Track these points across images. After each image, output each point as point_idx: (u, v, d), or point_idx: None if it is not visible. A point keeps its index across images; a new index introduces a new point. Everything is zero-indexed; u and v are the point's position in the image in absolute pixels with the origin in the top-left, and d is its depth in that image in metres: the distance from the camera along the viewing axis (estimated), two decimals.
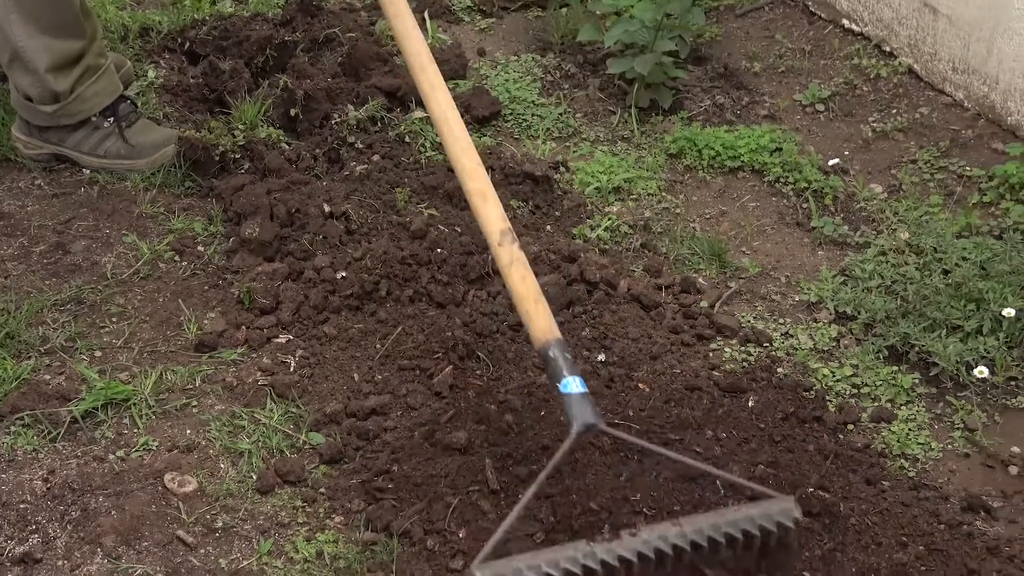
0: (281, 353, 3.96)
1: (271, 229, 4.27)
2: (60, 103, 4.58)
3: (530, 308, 3.48)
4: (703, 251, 4.45)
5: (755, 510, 3.21)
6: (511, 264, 3.52)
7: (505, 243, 3.56)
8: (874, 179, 4.87)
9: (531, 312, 3.48)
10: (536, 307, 3.48)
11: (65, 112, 4.61)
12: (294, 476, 3.57)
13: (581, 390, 3.33)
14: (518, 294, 3.51)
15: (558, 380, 3.36)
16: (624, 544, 3.12)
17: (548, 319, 3.45)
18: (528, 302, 3.50)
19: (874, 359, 4.05)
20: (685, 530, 3.16)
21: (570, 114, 5.15)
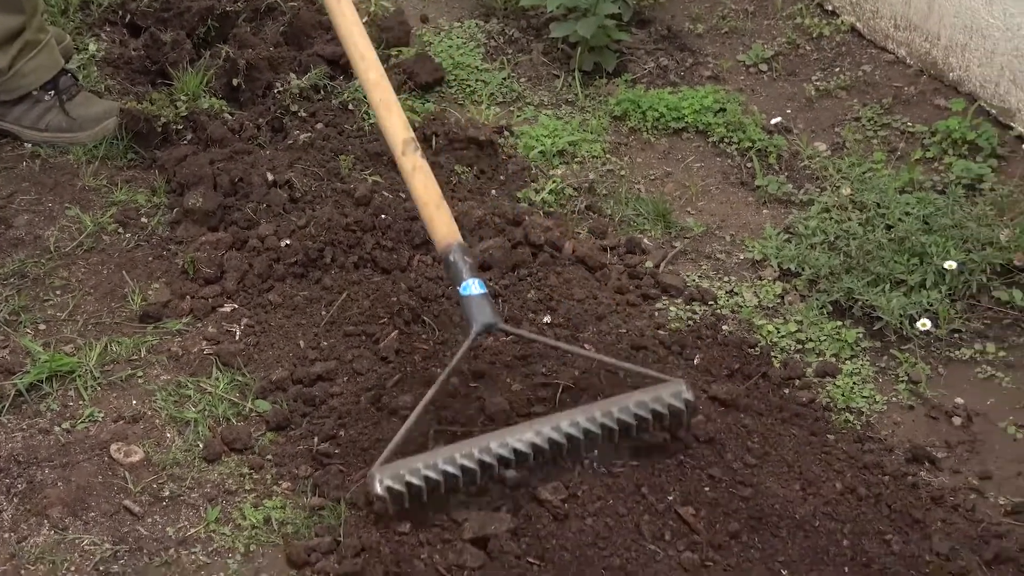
0: (226, 322, 3.95)
1: (214, 199, 4.26)
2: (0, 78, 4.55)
3: (432, 213, 3.60)
4: (648, 212, 4.46)
5: (648, 395, 3.40)
6: (414, 171, 3.65)
7: (408, 152, 3.68)
8: (818, 137, 4.89)
9: (433, 217, 3.59)
10: (437, 212, 3.59)
11: (4, 88, 4.59)
12: (241, 444, 3.57)
13: (481, 291, 3.45)
14: (420, 200, 3.63)
15: (458, 283, 3.49)
16: (518, 437, 3.27)
17: (449, 224, 3.56)
18: (430, 207, 3.62)
19: (818, 315, 4.07)
20: (579, 419, 3.33)
21: (514, 79, 5.14)
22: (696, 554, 3.28)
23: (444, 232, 3.58)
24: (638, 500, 3.38)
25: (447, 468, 3.23)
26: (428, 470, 3.21)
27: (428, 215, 3.61)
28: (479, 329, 3.45)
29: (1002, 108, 4.83)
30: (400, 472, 3.21)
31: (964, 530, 3.42)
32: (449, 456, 3.25)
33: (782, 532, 3.37)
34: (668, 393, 3.45)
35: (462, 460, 3.24)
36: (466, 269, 3.50)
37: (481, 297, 3.47)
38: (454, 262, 3.52)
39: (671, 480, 3.44)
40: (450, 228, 3.58)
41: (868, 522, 3.42)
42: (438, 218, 3.60)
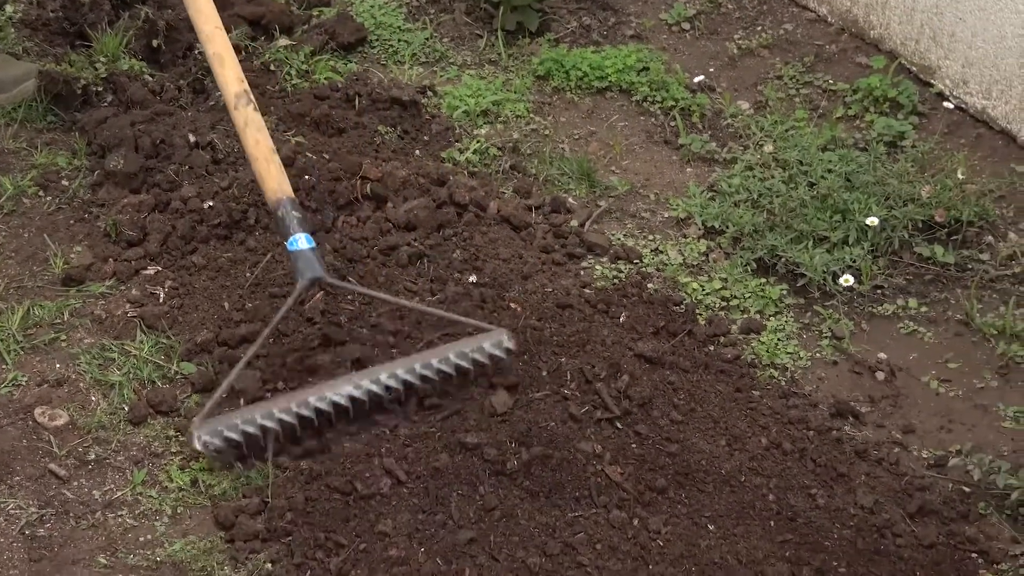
0: (150, 285, 3.92)
1: (136, 161, 4.22)
2: None
3: (262, 168, 3.65)
4: (572, 171, 4.47)
5: (469, 345, 3.53)
6: (246, 126, 3.68)
7: (240, 106, 3.71)
8: (740, 96, 4.91)
9: (263, 172, 3.65)
10: (268, 167, 3.64)
11: None
12: (166, 406, 3.55)
13: (309, 246, 3.52)
14: (252, 155, 3.68)
15: (286, 238, 3.54)
16: (336, 391, 3.35)
17: (279, 178, 3.62)
18: (260, 162, 3.66)
19: (742, 272, 4.10)
20: (397, 371, 3.43)
21: (436, 39, 5.12)
22: (624, 511, 3.30)
23: (274, 187, 3.62)
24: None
25: (265, 422, 3.31)
26: (246, 424, 3.30)
27: (259, 169, 3.66)
28: (306, 283, 3.52)
29: (922, 65, 4.87)
30: (218, 427, 3.28)
31: (888, 483, 3.47)
32: (267, 411, 3.33)
33: (709, 487, 3.40)
34: (490, 343, 3.55)
35: (280, 414, 3.32)
36: (294, 224, 3.55)
37: (309, 251, 3.54)
38: (283, 217, 3.57)
39: (602, 441, 3.46)
40: (280, 183, 3.63)
41: (793, 477, 3.46)
42: (268, 173, 3.64)
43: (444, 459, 3.38)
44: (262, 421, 3.31)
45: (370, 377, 3.43)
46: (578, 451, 3.42)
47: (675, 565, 3.21)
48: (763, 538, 3.29)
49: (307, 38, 4.94)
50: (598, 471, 3.39)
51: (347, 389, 3.39)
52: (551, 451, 3.41)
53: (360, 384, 3.41)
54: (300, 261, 3.54)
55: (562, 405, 3.56)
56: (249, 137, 3.67)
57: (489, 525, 3.26)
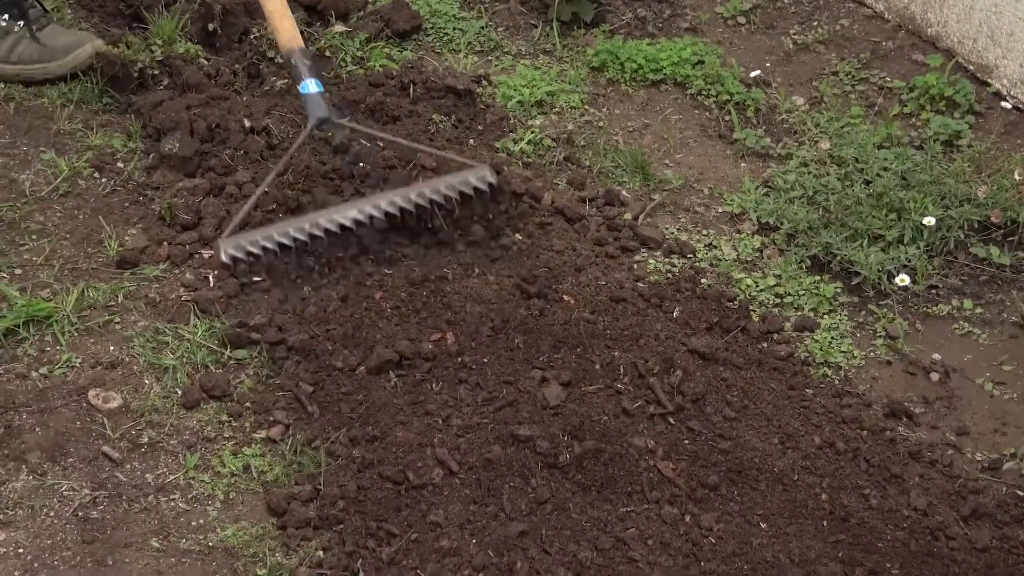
0: (204, 269, 3.92)
1: (191, 145, 4.22)
2: None
3: (277, 23, 4.09)
4: (626, 164, 4.45)
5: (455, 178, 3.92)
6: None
7: None
8: (796, 91, 4.89)
9: (278, 26, 4.10)
10: (283, 21, 4.09)
11: None
12: (219, 391, 3.55)
13: (318, 90, 3.94)
14: (268, 11, 4.13)
15: (298, 82, 3.98)
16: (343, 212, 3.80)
17: (292, 31, 4.05)
18: (275, 16, 4.13)
19: (797, 269, 4.08)
20: (395, 199, 3.86)
21: (491, 27, 5.11)
22: (676, 507, 3.30)
23: (287, 37, 4.03)
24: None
25: (282, 239, 3.74)
26: (266, 241, 3.72)
27: (275, 23, 4.09)
28: (315, 122, 3.95)
29: (980, 64, 4.84)
30: (241, 243, 3.71)
31: (941, 485, 3.45)
32: (283, 229, 3.75)
33: (761, 485, 3.39)
34: (475, 176, 3.93)
35: (296, 233, 3.74)
36: (305, 70, 3.97)
37: (318, 95, 3.95)
38: (295, 64, 3.99)
39: (655, 436, 3.46)
40: (293, 35, 4.04)
41: (846, 476, 3.44)
42: (283, 27, 4.07)
43: (497, 451, 3.38)
44: (280, 238, 3.74)
45: (371, 203, 3.84)
46: (631, 446, 3.41)
47: (727, 563, 3.20)
48: (815, 538, 3.28)
49: (362, 25, 4.94)
50: (650, 466, 3.39)
51: (352, 213, 3.81)
52: (604, 445, 3.40)
53: (363, 209, 3.82)
54: (309, 103, 3.96)
55: (615, 399, 3.55)
56: None
57: (541, 518, 3.25)
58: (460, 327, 3.72)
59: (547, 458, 3.37)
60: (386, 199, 3.87)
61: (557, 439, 3.41)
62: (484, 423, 3.47)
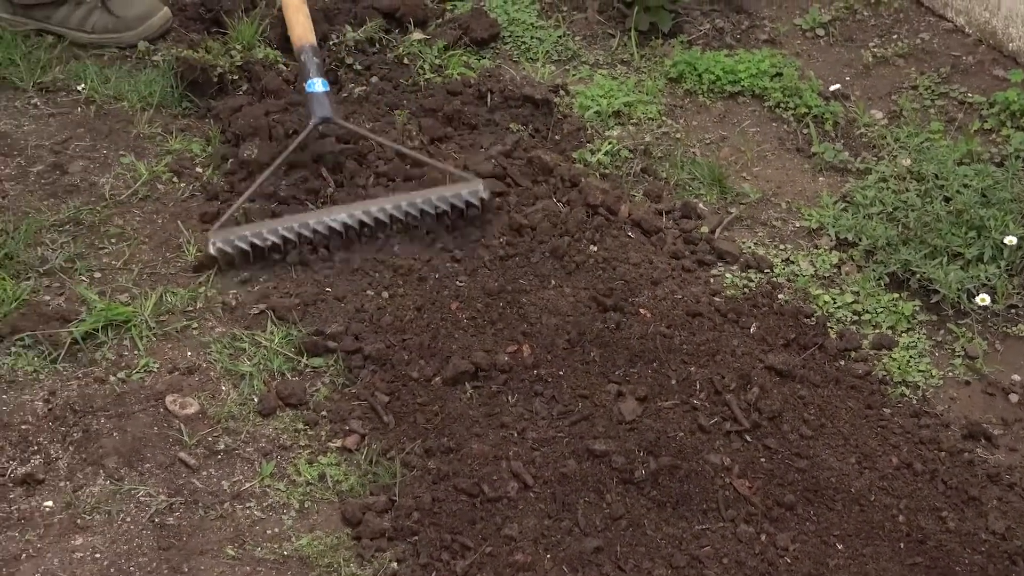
0: (281, 276, 3.93)
1: (269, 150, 4.23)
2: None
3: (291, 16, 4.22)
4: (703, 176, 4.43)
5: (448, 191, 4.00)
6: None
7: None
8: (875, 105, 4.85)
9: (292, 20, 4.22)
10: (297, 16, 4.20)
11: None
12: (296, 399, 3.56)
13: (324, 89, 4.02)
14: (284, 3, 4.27)
15: (305, 80, 4.07)
16: (333, 215, 3.90)
17: (306, 25, 4.15)
18: (291, 10, 4.29)
19: (875, 286, 4.05)
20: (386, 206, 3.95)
21: (569, 37, 5.10)
22: (752, 526, 3.28)
23: (300, 33, 4.14)
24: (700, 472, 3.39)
25: (269, 237, 3.85)
26: (253, 237, 3.83)
27: (290, 17, 4.20)
28: (317, 121, 4.05)
29: None
30: (230, 237, 3.83)
31: (1020, 509, 3.42)
32: (272, 227, 3.86)
33: (838, 505, 3.36)
34: (467, 191, 4.00)
35: (283, 231, 3.86)
36: (313, 68, 4.06)
37: (323, 94, 4.04)
38: (304, 61, 4.09)
39: (731, 453, 3.44)
40: (306, 30, 4.15)
41: (924, 498, 3.41)
42: (297, 22, 4.19)
43: (572, 465, 3.37)
44: (267, 236, 3.84)
45: (362, 208, 3.93)
46: (707, 463, 3.40)
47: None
48: (892, 560, 3.26)
49: (441, 32, 4.94)
50: (726, 484, 3.37)
51: (342, 216, 3.90)
52: (679, 462, 3.39)
53: (353, 214, 3.91)
54: (314, 101, 4.03)
55: (691, 415, 3.54)
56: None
57: (615, 534, 3.24)
58: (536, 339, 3.72)
59: (622, 474, 3.36)
60: (378, 206, 3.97)
61: (633, 455, 3.40)
62: (559, 437, 3.46)
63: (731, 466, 3.41)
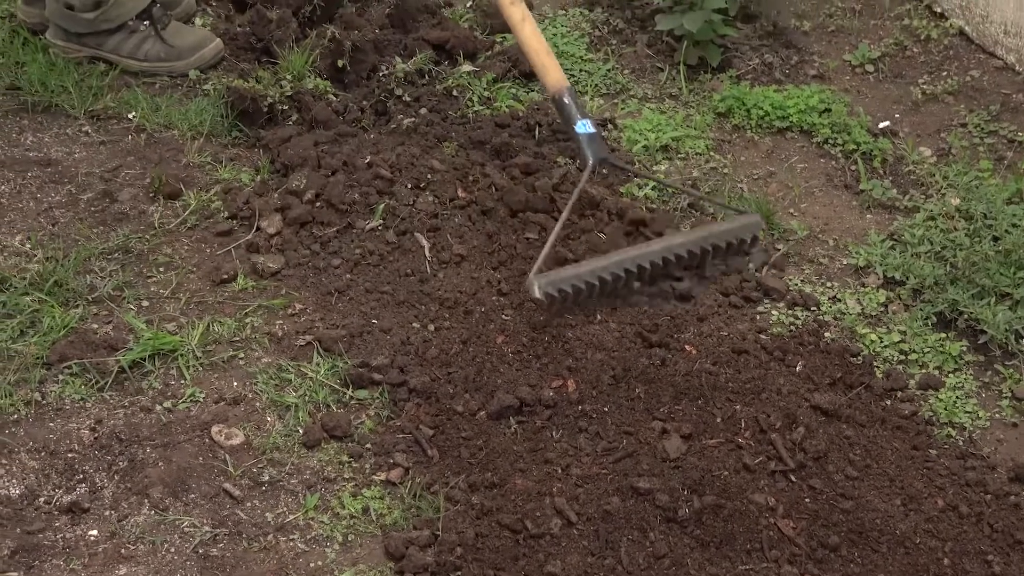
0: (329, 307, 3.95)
1: (319, 181, 4.25)
2: (101, 9, 4.72)
3: (545, 60, 4.07)
4: (751, 211, 4.42)
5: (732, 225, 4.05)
6: (523, 21, 4.10)
7: (516, 2, 4.12)
8: (923, 142, 4.84)
9: (546, 64, 4.07)
10: (549, 59, 4.07)
11: (105, 17, 4.76)
12: (340, 431, 3.57)
13: (592, 131, 3.96)
14: (532, 48, 4.12)
15: (573, 123, 4.02)
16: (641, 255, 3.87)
17: (559, 70, 4.03)
18: (541, 55, 4.11)
19: (922, 325, 4.03)
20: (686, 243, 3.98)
21: (618, 70, 5.10)
22: (796, 567, 3.27)
23: (557, 77, 4.00)
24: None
25: (589, 279, 3.78)
26: (577, 280, 3.76)
27: (540, 62, 4.04)
28: (595, 162, 3.97)
29: None
30: (552, 280, 3.73)
31: None
32: (591, 269, 3.79)
33: (883, 548, 3.35)
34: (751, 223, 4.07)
35: (600, 273, 3.79)
36: (578, 110, 3.98)
37: (594, 135, 3.95)
38: (568, 104, 3.99)
39: (776, 493, 3.43)
40: (560, 74, 4.02)
41: (969, 541, 3.40)
42: (551, 65, 4.04)
43: (615, 502, 3.37)
44: (587, 278, 3.79)
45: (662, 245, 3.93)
46: (751, 502, 3.39)
47: None
48: None
49: (490, 65, 4.95)
50: (770, 524, 3.36)
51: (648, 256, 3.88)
52: (723, 501, 3.38)
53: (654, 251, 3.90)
54: (589, 142, 3.97)
55: (736, 454, 3.53)
56: (528, 31, 4.07)
57: (659, 573, 3.24)
58: (581, 374, 3.72)
59: (666, 512, 3.36)
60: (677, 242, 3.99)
61: (677, 493, 3.40)
62: (603, 474, 3.46)
63: (775, 506, 3.40)
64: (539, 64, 4.00)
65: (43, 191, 4.29)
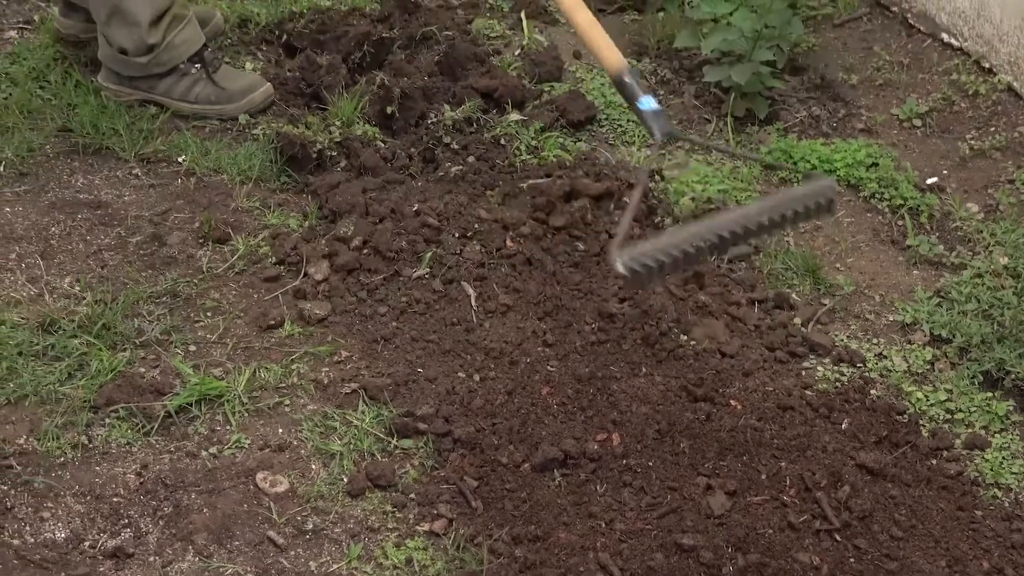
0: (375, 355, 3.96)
1: (367, 228, 4.27)
2: (153, 53, 4.76)
3: (601, 42, 4.00)
4: (797, 266, 4.42)
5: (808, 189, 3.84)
6: (576, 7, 4.06)
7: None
8: (971, 198, 4.83)
9: (603, 45, 4.00)
10: (606, 41, 4.00)
11: (157, 61, 4.79)
12: (385, 480, 3.57)
13: (656, 107, 3.89)
14: (586, 28, 4.05)
15: (636, 100, 3.92)
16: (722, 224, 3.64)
17: (618, 51, 3.98)
18: (596, 35, 4.02)
19: (969, 384, 4.02)
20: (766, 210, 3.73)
21: None
22: None
23: (616, 58, 3.94)
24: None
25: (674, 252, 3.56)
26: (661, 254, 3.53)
27: (598, 44, 3.98)
28: (662, 137, 3.87)
29: None
30: (635, 254, 3.51)
31: None
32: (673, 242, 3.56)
33: None
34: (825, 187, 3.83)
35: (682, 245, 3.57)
36: (640, 87, 3.89)
37: (657, 111, 3.88)
38: (629, 83, 3.91)
39: (821, 553, 3.42)
40: (619, 54, 3.96)
41: None
42: (609, 47, 3.96)
43: (659, 559, 3.36)
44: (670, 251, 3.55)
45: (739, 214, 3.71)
46: (795, 561, 3.38)
47: None
48: None
49: (538, 113, 4.96)
50: None
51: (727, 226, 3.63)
52: (768, 559, 3.37)
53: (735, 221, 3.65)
54: (655, 118, 3.87)
55: (781, 512, 3.52)
56: (582, 16, 4.03)
57: None
58: (626, 428, 3.72)
59: (710, 569, 3.35)
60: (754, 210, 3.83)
61: (721, 550, 3.39)
62: (647, 529, 3.45)
63: (820, 565, 3.39)
64: (595, 45, 4.05)
65: (93, 233, 4.32)
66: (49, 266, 4.17)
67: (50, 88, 4.89)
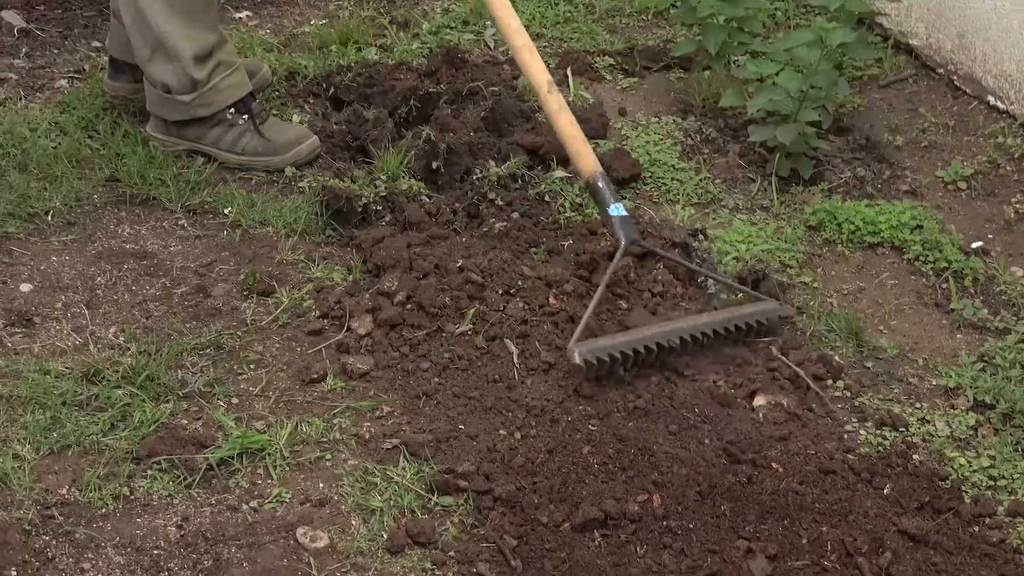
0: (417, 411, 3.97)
1: (410, 284, 4.28)
2: (198, 91, 4.79)
3: (580, 147, 4.35)
4: (840, 328, 4.41)
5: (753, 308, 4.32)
6: (560, 109, 4.39)
7: (553, 91, 4.40)
8: (1015, 262, 4.81)
9: (580, 151, 4.35)
10: (584, 147, 4.34)
11: (202, 102, 4.82)
12: (424, 537, 3.57)
13: (624, 213, 4.29)
14: (568, 135, 4.40)
15: (607, 206, 4.29)
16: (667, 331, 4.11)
17: (594, 157, 4.35)
18: (577, 142, 4.38)
19: (1012, 451, 4.00)
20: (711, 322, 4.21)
21: (709, 180, 5.11)
22: None
23: (591, 163, 4.28)
24: None
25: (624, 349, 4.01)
26: (611, 350, 3.99)
27: (576, 148, 4.34)
28: (627, 243, 4.25)
29: None
30: (591, 348, 3.97)
31: None
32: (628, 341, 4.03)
33: None
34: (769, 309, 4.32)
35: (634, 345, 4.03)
36: (611, 194, 4.27)
37: (626, 217, 4.26)
38: (602, 188, 4.28)
39: None
40: (594, 160, 4.30)
41: None
42: (586, 152, 4.31)
43: None
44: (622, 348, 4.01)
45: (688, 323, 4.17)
46: None
47: None
48: None
49: None
50: None
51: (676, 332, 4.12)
52: None
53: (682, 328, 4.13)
54: (621, 224, 4.25)
55: None
56: (565, 120, 4.35)
57: None
58: (667, 489, 3.71)
59: None
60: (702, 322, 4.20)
61: None
62: None
63: None
64: (574, 151, 4.34)
65: (138, 284, 4.35)
66: (94, 316, 4.20)
67: (99, 138, 4.94)
